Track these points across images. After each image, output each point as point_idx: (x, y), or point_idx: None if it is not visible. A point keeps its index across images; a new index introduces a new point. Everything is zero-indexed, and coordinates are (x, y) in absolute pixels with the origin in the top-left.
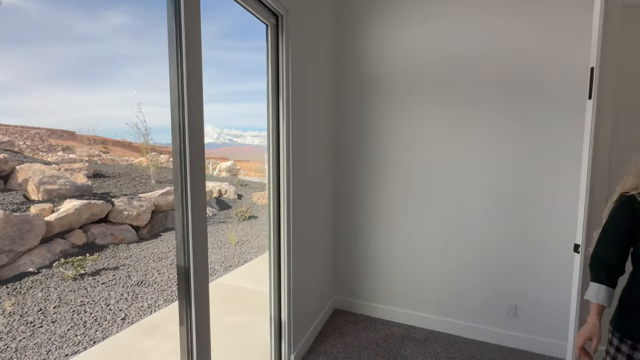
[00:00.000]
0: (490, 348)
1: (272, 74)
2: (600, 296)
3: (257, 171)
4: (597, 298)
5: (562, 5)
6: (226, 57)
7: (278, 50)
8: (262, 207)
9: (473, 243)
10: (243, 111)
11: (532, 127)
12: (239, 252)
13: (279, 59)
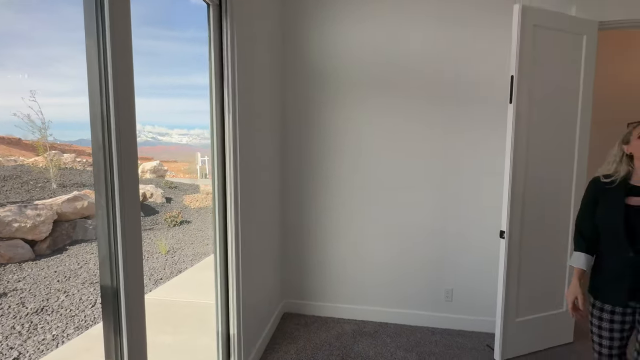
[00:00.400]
0: (432, 331)
1: (216, 62)
2: (580, 262)
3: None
4: (577, 263)
5: (489, 22)
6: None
7: (222, 34)
8: (196, 210)
9: (412, 236)
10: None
11: (463, 127)
12: (171, 262)
13: (224, 45)
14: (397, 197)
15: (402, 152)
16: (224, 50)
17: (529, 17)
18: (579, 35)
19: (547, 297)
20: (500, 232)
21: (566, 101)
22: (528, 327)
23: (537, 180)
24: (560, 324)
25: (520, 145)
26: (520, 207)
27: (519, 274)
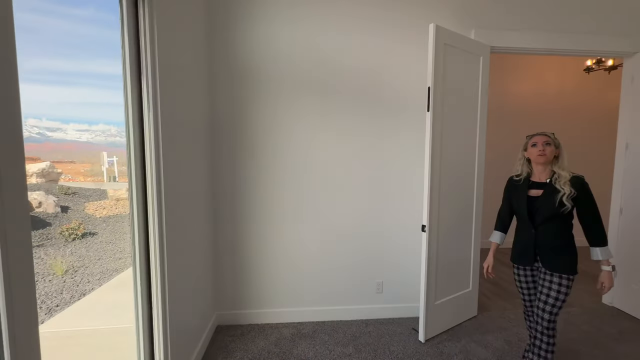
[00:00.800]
0: (366, 323)
1: (131, 50)
2: (495, 237)
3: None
4: (493, 239)
5: (409, 38)
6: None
7: (138, 18)
8: (103, 220)
9: (344, 235)
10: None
11: (388, 132)
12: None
13: (140, 31)
14: (328, 198)
15: (333, 153)
16: (141, 38)
17: (441, 36)
18: (477, 56)
19: (457, 280)
20: (422, 227)
21: (469, 109)
22: (444, 308)
23: (449, 179)
24: (468, 301)
25: (436, 150)
26: (437, 204)
27: (437, 263)
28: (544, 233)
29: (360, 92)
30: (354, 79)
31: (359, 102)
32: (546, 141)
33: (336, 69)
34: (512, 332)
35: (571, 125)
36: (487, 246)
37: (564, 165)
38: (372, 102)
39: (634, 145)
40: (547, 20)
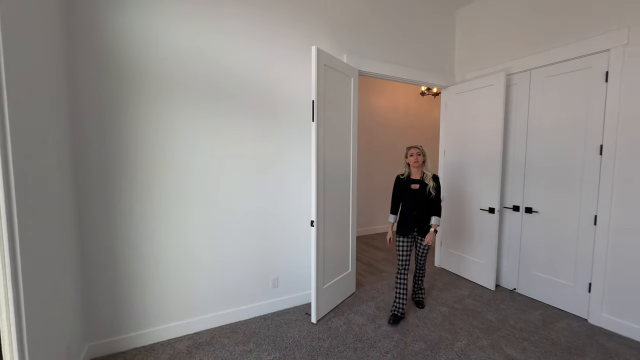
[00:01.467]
0: (264, 318)
1: None
2: (391, 219)
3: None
4: (390, 219)
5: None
6: None
7: None
8: None
9: (237, 236)
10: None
11: (281, 139)
12: None
13: None
14: (220, 201)
15: (224, 155)
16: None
17: (322, 57)
18: (349, 77)
19: (340, 265)
20: (311, 222)
21: (344, 120)
22: (331, 290)
23: (331, 180)
24: (348, 281)
25: (320, 154)
26: (323, 201)
27: (324, 252)
28: (423, 213)
29: (252, 101)
30: (244, 86)
31: (250, 109)
32: (418, 152)
33: (225, 75)
34: (380, 299)
35: (415, 134)
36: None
37: (428, 167)
38: (262, 111)
39: (449, 152)
40: (395, 56)
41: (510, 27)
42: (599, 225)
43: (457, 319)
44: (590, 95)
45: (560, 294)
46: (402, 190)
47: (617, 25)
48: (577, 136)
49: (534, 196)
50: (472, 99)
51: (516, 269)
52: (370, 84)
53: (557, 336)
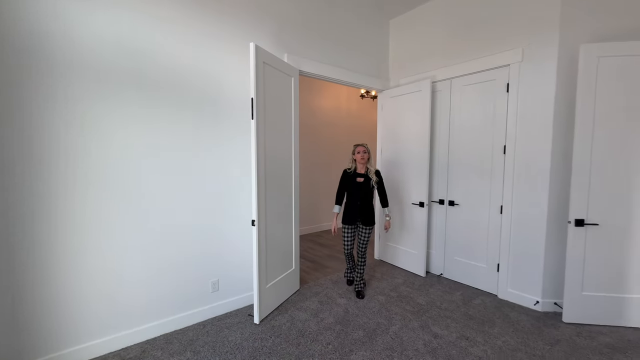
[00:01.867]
0: (203, 325)
1: None
2: (336, 209)
3: None
4: (335, 210)
5: (238, 54)
6: None
7: None
8: None
9: (173, 238)
10: None
11: (221, 135)
12: None
13: None
14: (150, 203)
15: (155, 153)
16: None
17: (260, 55)
18: (289, 76)
19: (283, 263)
20: (252, 221)
21: (286, 119)
22: (274, 288)
23: (273, 177)
24: (292, 279)
25: (260, 153)
26: (264, 200)
27: (266, 251)
28: (366, 205)
29: (189, 95)
30: (176, 80)
31: (185, 104)
32: (364, 150)
33: (160, 68)
34: (323, 294)
35: (356, 134)
36: (304, 233)
37: (372, 164)
38: (199, 107)
39: (385, 150)
40: (334, 58)
41: (434, 40)
42: (504, 214)
43: (393, 305)
44: (496, 103)
45: (477, 275)
46: (348, 183)
47: (515, 45)
48: (487, 138)
49: (456, 190)
50: (405, 102)
51: (442, 256)
52: (313, 85)
53: (473, 312)
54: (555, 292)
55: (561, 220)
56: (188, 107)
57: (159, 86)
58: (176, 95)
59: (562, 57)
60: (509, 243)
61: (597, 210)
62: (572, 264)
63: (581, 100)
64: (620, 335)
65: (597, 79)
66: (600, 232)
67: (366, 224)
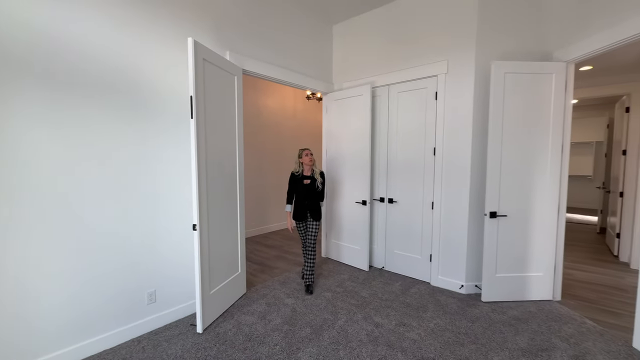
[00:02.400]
0: (139, 340)
1: None
2: (288, 208)
3: None
4: (287, 209)
5: (176, 49)
6: None
7: None
8: None
9: (102, 248)
10: None
11: (158, 136)
12: None
13: None
14: (77, 210)
15: (84, 159)
16: None
17: (200, 51)
18: (232, 75)
19: (229, 267)
20: (193, 226)
21: (229, 119)
22: (219, 294)
23: (215, 179)
24: (238, 283)
25: (201, 154)
26: (206, 202)
27: (209, 256)
28: (311, 202)
29: (118, 93)
30: (110, 78)
31: (115, 102)
32: (310, 153)
33: (85, 62)
34: (271, 296)
35: (303, 135)
36: (251, 235)
37: (317, 166)
38: (134, 106)
39: (330, 151)
40: (279, 59)
41: (373, 48)
42: (434, 209)
43: (339, 300)
44: (427, 109)
45: (413, 266)
46: (296, 185)
47: (442, 58)
48: (421, 141)
49: (395, 189)
50: (348, 105)
51: (383, 250)
52: (259, 85)
53: (410, 300)
54: (476, 276)
55: (479, 213)
56: (121, 105)
57: (86, 83)
58: (106, 91)
59: (478, 71)
60: (439, 235)
61: (506, 203)
62: (488, 251)
63: (492, 110)
64: (524, 308)
65: (504, 92)
66: (509, 222)
67: (315, 218)
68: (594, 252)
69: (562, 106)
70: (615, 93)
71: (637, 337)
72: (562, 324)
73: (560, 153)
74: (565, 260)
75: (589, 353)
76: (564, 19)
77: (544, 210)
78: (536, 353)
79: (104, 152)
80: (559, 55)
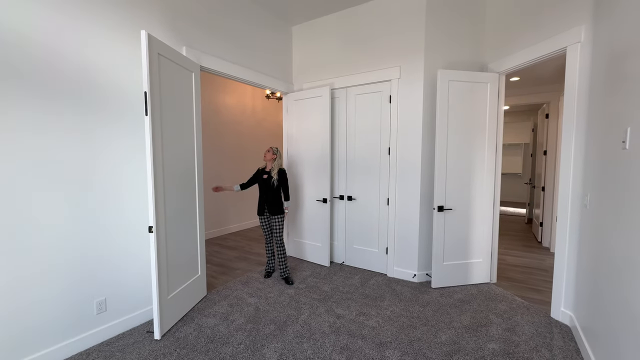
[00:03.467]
0: (87, 353)
1: None
2: (237, 187)
3: None
4: (235, 188)
5: (126, 43)
6: None
7: None
8: None
9: (41, 254)
10: None
11: (109, 133)
12: None
13: None
14: (12, 209)
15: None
16: None
17: (154, 46)
18: (190, 71)
19: (188, 270)
20: (149, 228)
21: (186, 117)
22: (178, 298)
23: (172, 178)
24: (198, 285)
25: (157, 152)
26: (163, 203)
27: (167, 259)
28: (270, 197)
29: (67, 89)
30: (56, 70)
31: (62, 99)
32: (270, 151)
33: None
34: (233, 297)
35: (262, 134)
36: (210, 237)
37: (278, 163)
38: (82, 102)
39: (290, 150)
40: (238, 57)
41: (332, 50)
42: (390, 205)
43: (302, 296)
44: (382, 111)
45: (372, 260)
46: (258, 178)
47: (395, 64)
48: (377, 141)
49: (354, 186)
50: (308, 106)
51: (343, 246)
52: (217, 82)
53: (369, 291)
54: (426, 265)
55: (429, 207)
56: (65, 99)
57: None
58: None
59: (427, 78)
60: (394, 229)
61: (451, 198)
62: (436, 241)
63: (439, 114)
64: (467, 291)
65: (449, 97)
66: (454, 215)
67: (272, 213)
68: (522, 239)
69: (496, 111)
70: (538, 101)
71: (554, 309)
72: (498, 302)
73: (494, 153)
74: (500, 248)
75: (518, 325)
76: (497, 34)
77: (483, 203)
78: (477, 329)
79: (43, 147)
80: (493, 66)
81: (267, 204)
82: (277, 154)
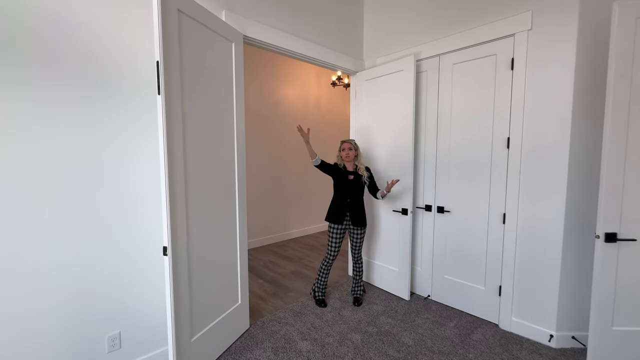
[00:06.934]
0: None
1: None
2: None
3: None
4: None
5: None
6: None
7: None
8: None
9: (44, 281)
10: None
11: (120, 122)
12: None
13: None
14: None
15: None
16: None
17: None
18: (229, 41)
19: (223, 299)
20: (164, 249)
21: (223, 102)
22: (206, 340)
23: (201, 184)
24: (238, 317)
25: (177, 146)
26: (185, 216)
27: (190, 288)
28: (355, 203)
29: (61, 59)
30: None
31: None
32: (349, 147)
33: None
34: (280, 335)
35: (328, 129)
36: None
37: (361, 160)
38: (86, 82)
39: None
40: (293, 25)
41: (417, 9)
42: (507, 224)
43: (371, 349)
44: (497, 84)
45: (473, 299)
46: (338, 174)
47: (521, 9)
48: (486, 129)
49: (446, 194)
50: (382, 85)
51: (429, 273)
52: (275, 68)
53: (474, 354)
54: (573, 323)
55: (584, 232)
56: (72, 79)
57: None
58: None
59: (585, 21)
60: (513, 260)
61: (634, 220)
62: (599, 290)
63: (614, 79)
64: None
65: (634, 46)
66: (637, 249)
67: (357, 224)
68: None
69: None
70: None
71: None
72: None
73: None
74: None
75: None
76: None
77: None
78: None
79: (46, 146)
80: None
81: (352, 211)
82: (358, 149)
